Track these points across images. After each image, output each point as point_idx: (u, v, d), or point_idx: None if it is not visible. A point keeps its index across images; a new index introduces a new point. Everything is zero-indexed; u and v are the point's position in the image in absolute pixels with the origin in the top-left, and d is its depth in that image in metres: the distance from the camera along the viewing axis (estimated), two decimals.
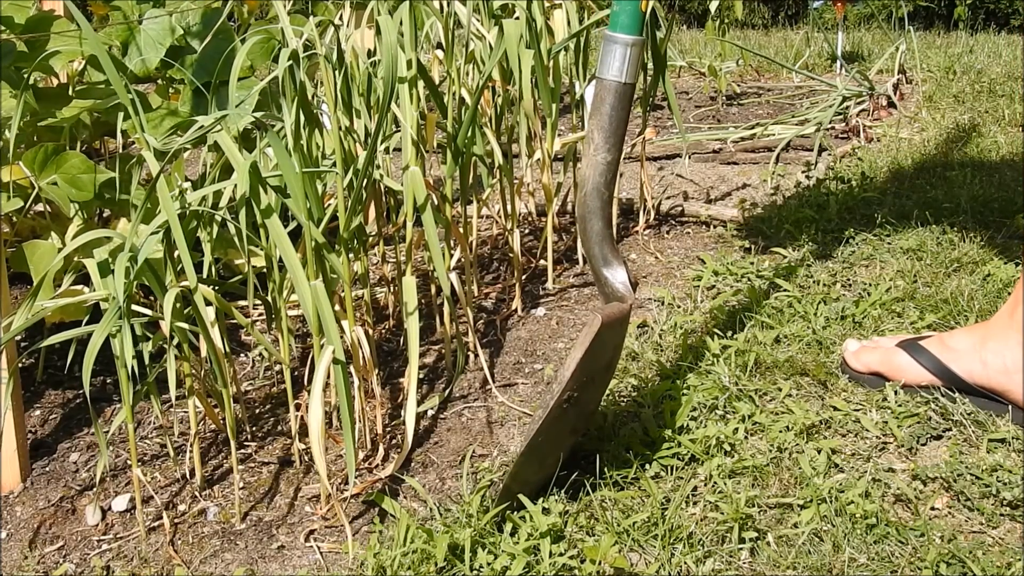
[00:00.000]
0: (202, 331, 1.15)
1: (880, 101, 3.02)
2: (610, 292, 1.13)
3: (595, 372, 1.12)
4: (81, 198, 1.49)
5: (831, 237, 1.92)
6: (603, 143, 1.11)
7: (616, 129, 1.10)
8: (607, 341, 1.10)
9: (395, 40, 1.19)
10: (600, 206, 1.12)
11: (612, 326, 1.09)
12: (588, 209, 1.12)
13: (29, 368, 1.56)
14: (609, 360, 1.16)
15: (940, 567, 1.01)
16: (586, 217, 1.13)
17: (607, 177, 1.12)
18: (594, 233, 1.13)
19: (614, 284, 1.12)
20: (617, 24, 1.10)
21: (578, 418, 1.15)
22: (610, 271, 1.13)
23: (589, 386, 1.12)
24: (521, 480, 1.11)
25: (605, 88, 1.10)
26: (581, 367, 1.06)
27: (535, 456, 1.10)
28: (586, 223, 1.13)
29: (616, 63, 1.09)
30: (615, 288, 1.12)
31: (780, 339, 1.50)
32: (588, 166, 1.12)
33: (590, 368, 1.09)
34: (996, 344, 1.26)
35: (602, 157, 1.11)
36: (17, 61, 1.53)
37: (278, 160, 1.10)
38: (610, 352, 1.14)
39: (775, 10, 6.85)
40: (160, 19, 1.64)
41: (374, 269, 1.92)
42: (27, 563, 1.13)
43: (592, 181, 1.12)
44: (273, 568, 1.11)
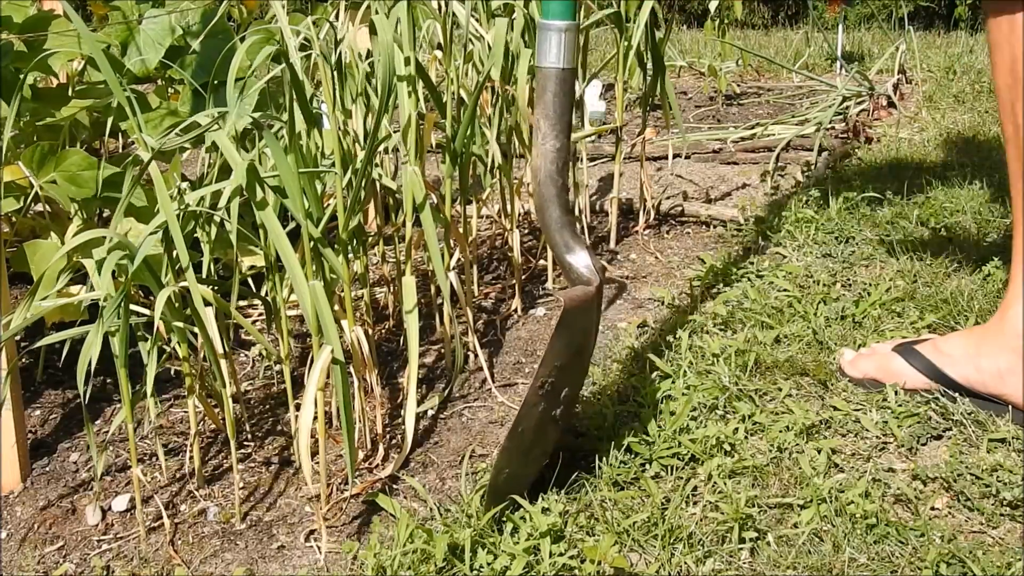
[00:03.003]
0: (200, 331, 1.15)
1: (880, 101, 3.02)
2: (575, 277, 1.12)
3: (568, 357, 1.12)
4: (82, 195, 1.49)
5: (831, 237, 1.92)
6: (550, 130, 1.11)
7: (561, 115, 1.10)
8: (575, 324, 1.10)
9: (391, 39, 1.19)
10: (556, 193, 1.12)
11: (579, 309, 1.09)
12: (544, 198, 1.12)
13: (29, 368, 1.56)
14: (580, 345, 1.15)
15: (940, 567, 1.01)
16: (543, 206, 1.12)
17: (558, 164, 1.11)
18: (552, 221, 1.12)
19: (578, 269, 1.12)
20: (549, 11, 1.09)
21: (558, 406, 1.15)
22: (572, 256, 1.12)
23: (564, 372, 1.12)
24: (508, 475, 1.10)
25: (545, 75, 1.10)
26: (552, 353, 1.07)
27: (517, 448, 1.10)
28: (544, 212, 1.13)
29: (553, 50, 1.09)
30: (580, 272, 1.12)
31: (780, 339, 1.50)
32: (538, 155, 1.12)
33: (561, 353, 1.09)
34: (989, 349, 1.26)
35: (551, 145, 1.11)
36: (16, 61, 1.53)
37: (276, 160, 1.09)
38: (580, 337, 1.13)
39: (775, 10, 6.85)
40: (159, 19, 1.64)
41: (374, 269, 1.92)
42: (27, 563, 1.13)
43: (544, 170, 1.11)
44: (273, 568, 1.11)
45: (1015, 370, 1.23)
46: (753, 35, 5.28)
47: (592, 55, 4.02)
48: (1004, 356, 1.24)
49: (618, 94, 1.89)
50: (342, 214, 1.20)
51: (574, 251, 1.12)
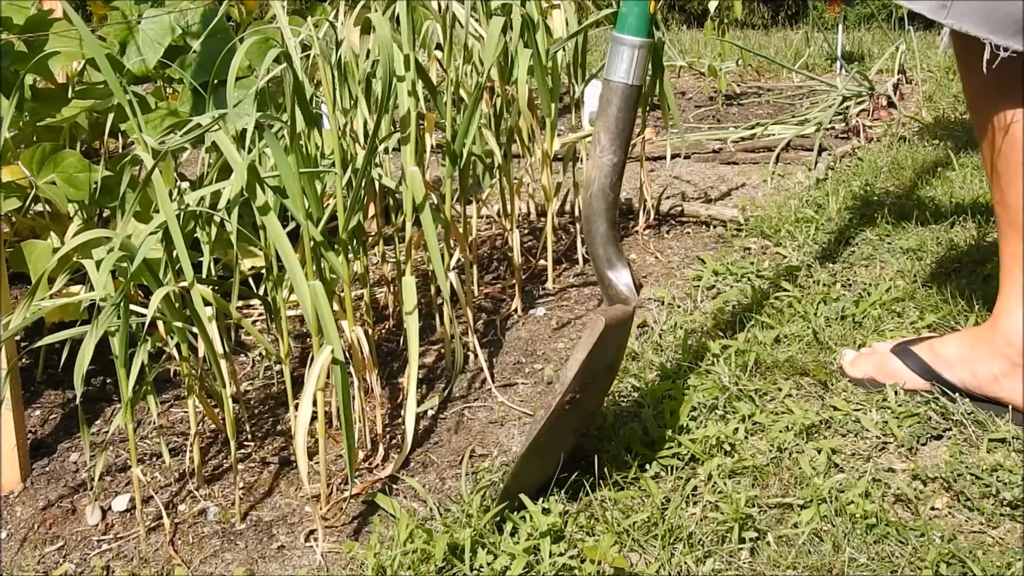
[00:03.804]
0: (200, 331, 1.15)
1: (880, 101, 3.02)
2: (614, 294, 1.13)
3: (597, 374, 1.12)
4: (78, 197, 1.49)
5: (831, 237, 1.92)
6: (609, 145, 1.11)
7: (622, 131, 1.10)
8: (610, 343, 1.10)
9: (389, 37, 1.19)
10: (605, 208, 1.12)
11: (615, 328, 1.09)
12: (593, 211, 1.12)
13: (29, 368, 1.56)
14: (611, 362, 1.16)
15: (940, 567, 1.01)
16: (591, 219, 1.13)
17: (612, 179, 1.11)
18: (599, 235, 1.12)
19: (618, 286, 1.12)
20: (625, 25, 1.09)
21: (579, 418, 1.15)
22: (614, 273, 1.12)
23: (591, 387, 1.13)
24: (522, 480, 1.11)
25: (612, 90, 1.10)
26: (583, 369, 1.06)
27: (536, 456, 1.10)
28: (591, 224, 1.13)
29: (623, 65, 1.09)
30: (619, 290, 1.12)
31: (780, 339, 1.50)
32: (594, 168, 1.12)
33: (592, 369, 1.09)
34: (983, 354, 1.26)
35: (608, 159, 1.11)
36: (16, 62, 1.53)
37: (276, 160, 1.09)
38: (612, 354, 1.14)
39: (775, 10, 6.85)
40: (159, 19, 1.64)
41: (374, 269, 1.92)
42: (27, 563, 1.13)
43: (598, 183, 1.12)
44: (273, 568, 1.11)
45: (1009, 374, 1.24)
46: (753, 35, 5.28)
47: (592, 55, 4.02)
48: (997, 362, 1.25)
49: None
50: (342, 214, 1.20)
51: (616, 268, 1.12)
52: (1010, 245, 1.23)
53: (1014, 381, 1.23)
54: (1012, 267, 1.24)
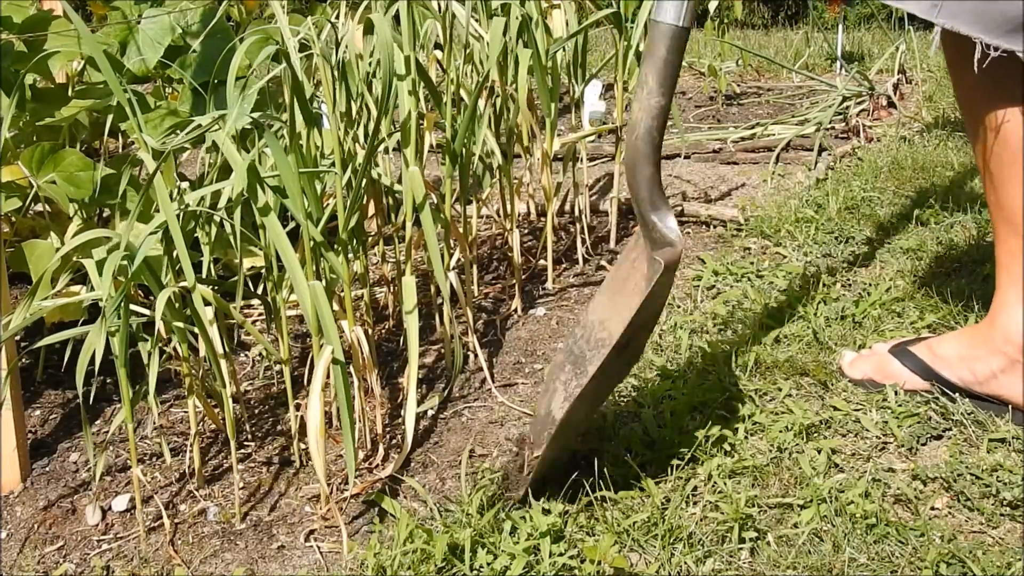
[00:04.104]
0: (200, 331, 1.15)
1: (880, 101, 3.02)
2: (658, 237, 1.11)
3: (648, 318, 1.14)
4: (79, 196, 1.49)
5: (831, 237, 1.92)
6: (657, 87, 1.10)
7: (670, 74, 1.10)
8: (667, 284, 1.12)
9: (389, 37, 1.19)
10: (650, 151, 1.11)
11: (673, 268, 1.11)
12: (639, 153, 1.11)
13: (29, 368, 1.56)
14: (660, 305, 1.17)
15: (940, 567, 1.01)
16: (636, 162, 1.12)
17: (659, 121, 1.11)
18: (644, 178, 1.11)
19: (663, 230, 1.11)
20: None
21: (626, 364, 1.19)
22: (658, 216, 1.11)
23: (641, 332, 1.15)
24: (571, 426, 1.15)
25: (660, 32, 1.09)
26: (640, 311, 1.08)
27: (588, 399, 1.14)
28: (636, 168, 1.12)
29: (672, 6, 1.08)
30: (664, 234, 1.11)
31: (780, 339, 1.50)
32: (640, 110, 1.11)
33: (644, 313, 1.11)
34: (981, 352, 1.27)
35: (655, 101, 1.10)
36: (16, 61, 1.53)
37: (276, 160, 1.09)
38: (662, 298, 1.15)
39: (775, 10, 6.85)
40: (159, 18, 1.64)
41: (374, 269, 1.92)
42: (27, 563, 1.13)
43: (644, 124, 1.11)
44: (273, 568, 1.11)
45: (1008, 371, 1.24)
46: (753, 35, 5.28)
47: (592, 55, 4.02)
48: (996, 359, 1.25)
49: (618, 94, 1.89)
50: (342, 214, 1.20)
51: (660, 211, 1.12)
52: (1006, 243, 1.23)
53: (1013, 378, 1.24)
54: (1009, 264, 1.24)
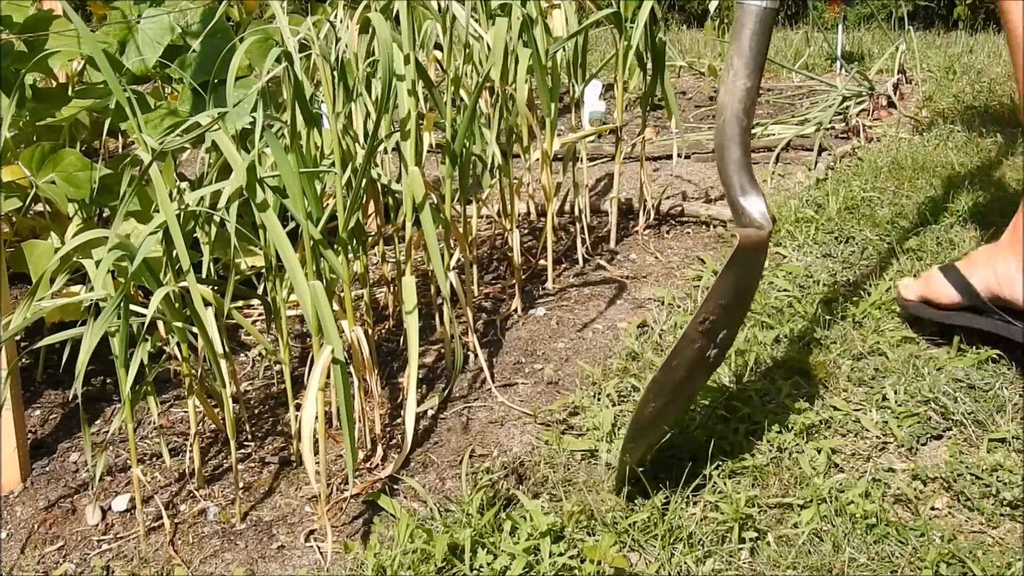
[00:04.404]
0: (200, 331, 1.15)
1: (880, 101, 3.02)
2: (748, 221, 1.11)
3: (732, 297, 1.12)
4: (79, 196, 1.49)
5: (831, 237, 1.92)
6: (743, 69, 1.10)
7: (756, 55, 1.10)
8: (745, 265, 1.11)
9: (389, 37, 1.19)
10: (739, 133, 1.11)
11: (751, 250, 1.11)
12: (726, 136, 1.11)
13: (29, 368, 1.56)
14: (745, 288, 1.15)
15: (940, 567, 1.01)
16: (724, 145, 1.11)
17: (746, 104, 1.11)
18: (732, 162, 1.11)
19: (751, 213, 1.10)
20: None
21: (714, 347, 1.15)
22: (746, 200, 1.11)
23: (726, 312, 1.12)
24: (654, 410, 1.12)
25: (746, 13, 1.09)
26: (717, 290, 1.08)
27: (668, 382, 1.11)
28: (724, 151, 1.12)
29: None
30: (753, 217, 1.11)
31: (780, 339, 1.50)
32: (727, 93, 1.11)
33: (727, 292, 1.10)
34: (1004, 253, 1.36)
35: (741, 83, 1.10)
36: (16, 61, 1.53)
37: (276, 160, 1.09)
38: (747, 279, 1.13)
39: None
40: (158, 18, 1.64)
41: (374, 269, 1.92)
42: (27, 563, 1.13)
43: (731, 108, 1.11)
44: (273, 568, 1.11)
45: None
46: None
47: (592, 55, 4.01)
48: (1016, 260, 1.33)
49: (618, 94, 1.89)
50: (342, 214, 1.20)
51: (749, 195, 1.11)
52: None
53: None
54: None
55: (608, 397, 1.37)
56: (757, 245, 1.10)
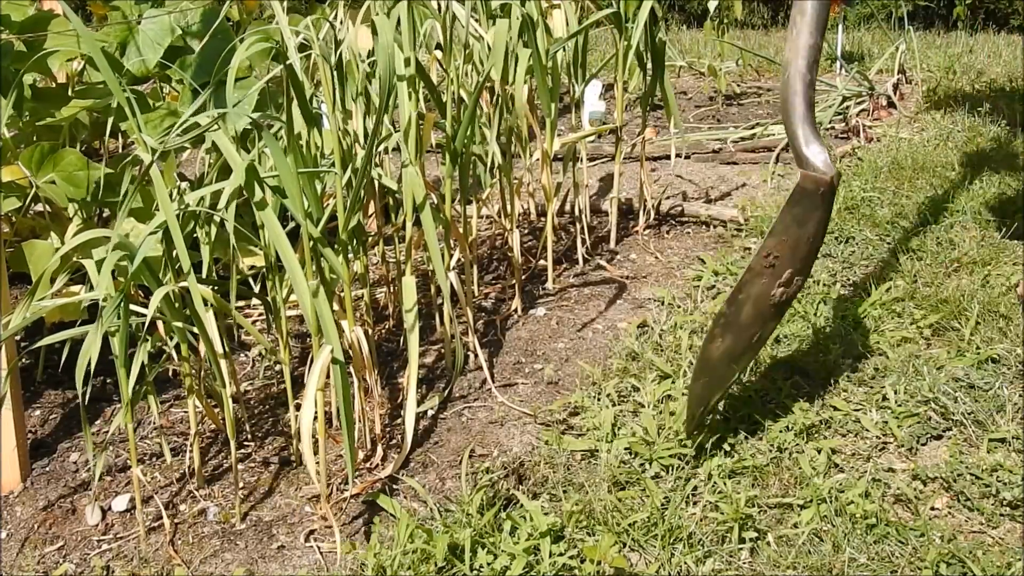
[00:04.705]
0: (200, 331, 1.15)
1: (880, 101, 3.02)
2: (812, 169, 1.18)
3: (795, 236, 1.18)
4: (78, 195, 1.49)
5: (831, 237, 1.92)
6: (805, 27, 1.17)
7: (818, 14, 1.17)
8: (807, 207, 1.17)
9: (392, 40, 1.19)
10: (803, 88, 1.17)
11: (810, 191, 1.17)
12: (790, 91, 1.17)
13: (29, 368, 1.56)
14: (809, 234, 1.19)
15: (940, 567, 1.01)
16: (788, 99, 1.18)
17: (808, 60, 1.17)
18: (796, 115, 1.18)
19: (814, 162, 1.17)
20: None
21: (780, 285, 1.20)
22: (809, 150, 1.17)
23: (791, 251, 1.19)
24: (722, 348, 1.20)
25: None
26: (779, 225, 1.17)
27: (735, 318, 1.19)
28: (788, 105, 1.18)
29: None
30: (815, 165, 1.17)
31: (780, 339, 1.50)
32: (790, 50, 1.17)
33: (789, 229, 1.17)
34: None
35: (804, 40, 1.16)
36: (16, 61, 1.53)
37: (275, 160, 1.09)
38: (810, 224, 1.18)
39: (775, 10, 6.85)
40: (159, 19, 1.64)
41: (374, 269, 1.92)
42: (27, 563, 1.13)
43: (794, 65, 1.17)
44: (273, 568, 1.10)
45: None
46: (753, 35, 5.28)
47: (592, 55, 4.01)
48: None
49: (618, 94, 1.89)
50: (342, 214, 1.20)
51: (812, 145, 1.18)
52: None
53: None
54: None
55: (608, 397, 1.37)
56: (818, 186, 1.16)
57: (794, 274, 1.21)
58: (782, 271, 1.19)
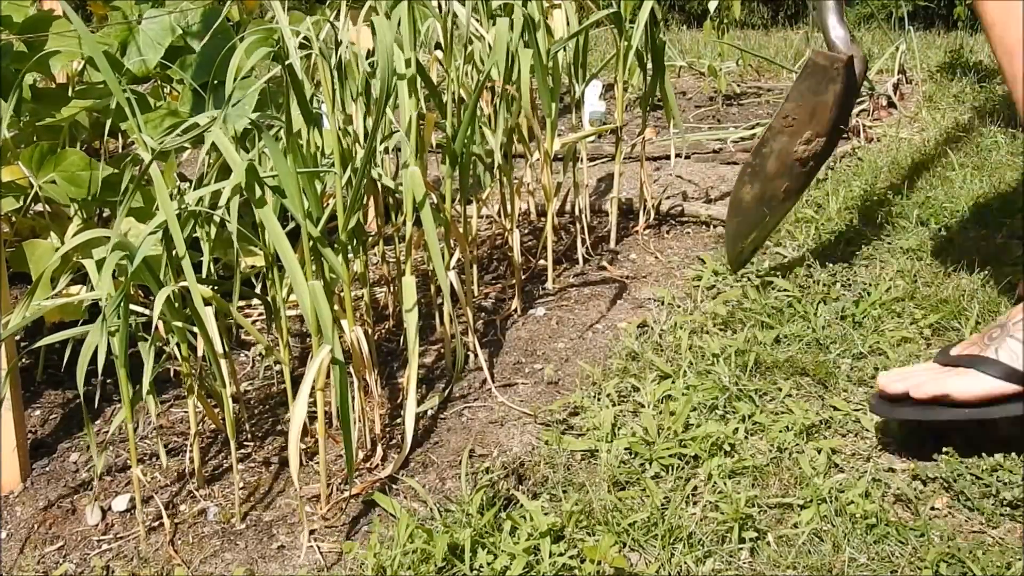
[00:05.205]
0: (200, 331, 1.15)
1: (880, 101, 3.02)
2: (834, 49, 1.39)
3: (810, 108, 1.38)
4: (80, 195, 1.49)
5: (831, 237, 1.92)
6: None
7: None
8: (816, 78, 1.37)
9: (391, 41, 1.19)
10: None
11: (821, 67, 1.36)
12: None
13: (29, 368, 1.56)
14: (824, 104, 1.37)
15: (940, 567, 1.01)
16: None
17: None
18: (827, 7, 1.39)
19: (837, 43, 1.38)
20: None
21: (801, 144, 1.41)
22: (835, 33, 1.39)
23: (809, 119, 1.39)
24: (751, 194, 1.47)
25: None
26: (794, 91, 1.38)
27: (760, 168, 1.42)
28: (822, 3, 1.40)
29: None
30: (837, 46, 1.39)
31: (780, 339, 1.50)
32: None
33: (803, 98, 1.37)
34: None
35: None
36: (16, 61, 1.53)
37: (274, 160, 1.09)
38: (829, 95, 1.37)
39: (775, 10, 6.85)
40: (159, 19, 1.64)
41: (374, 269, 1.92)
42: (27, 563, 1.13)
43: None
44: (273, 568, 1.11)
45: None
46: (753, 35, 5.28)
47: (592, 55, 4.01)
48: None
49: (618, 94, 1.89)
50: (341, 214, 1.20)
51: (838, 30, 1.40)
52: None
53: None
54: None
55: (608, 397, 1.37)
56: (829, 62, 1.36)
57: (814, 135, 1.41)
58: (801, 130, 1.40)
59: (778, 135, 1.39)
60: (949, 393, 1.15)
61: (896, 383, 1.18)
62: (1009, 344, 1.15)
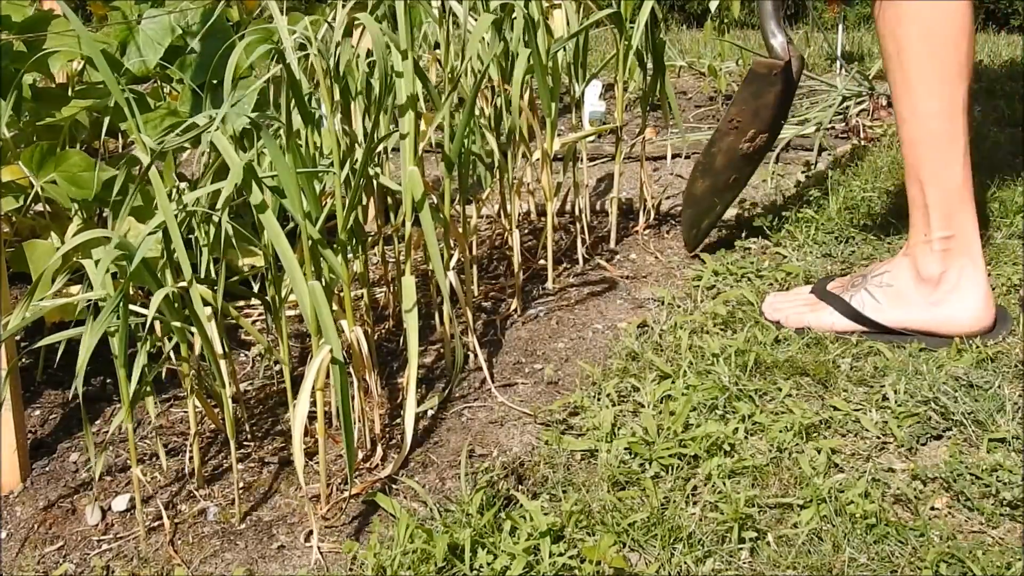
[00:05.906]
0: (199, 331, 1.15)
1: (880, 101, 3.02)
2: (775, 56, 1.55)
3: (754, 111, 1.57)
4: (82, 196, 1.49)
5: (831, 237, 1.92)
6: None
7: None
8: (761, 85, 1.55)
9: (382, 40, 1.19)
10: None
11: (762, 73, 1.55)
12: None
13: (29, 368, 1.56)
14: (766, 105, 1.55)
15: (940, 567, 1.01)
16: (761, 3, 1.56)
17: None
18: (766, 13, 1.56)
19: (777, 50, 1.55)
20: None
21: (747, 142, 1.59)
22: (774, 40, 1.55)
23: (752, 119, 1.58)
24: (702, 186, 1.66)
25: None
26: (738, 97, 1.59)
27: (709, 165, 1.64)
28: (761, 8, 1.56)
29: None
30: (777, 53, 1.56)
31: (780, 339, 1.50)
32: None
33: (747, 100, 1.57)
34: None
35: None
36: (15, 61, 1.53)
37: (273, 160, 1.09)
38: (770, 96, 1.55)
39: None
40: (159, 19, 1.64)
41: (373, 269, 1.92)
42: (27, 563, 1.13)
43: None
44: (273, 568, 1.11)
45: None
46: (753, 35, 5.28)
47: (592, 55, 4.01)
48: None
49: (618, 94, 1.89)
50: (341, 213, 1.20)
51: (776, 36, 1.56)
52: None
53: None
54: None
55: (608, 397, 1.37)
56: (770, 69, 1.53)
57: (757, 132, 1.58)
58: (746, 130, 1.57)
59: (725, 136, 1.55)
60: (809, 325, 1.50)
61: (773, 313, 1.54)
62: (862, 294, 1.49)
